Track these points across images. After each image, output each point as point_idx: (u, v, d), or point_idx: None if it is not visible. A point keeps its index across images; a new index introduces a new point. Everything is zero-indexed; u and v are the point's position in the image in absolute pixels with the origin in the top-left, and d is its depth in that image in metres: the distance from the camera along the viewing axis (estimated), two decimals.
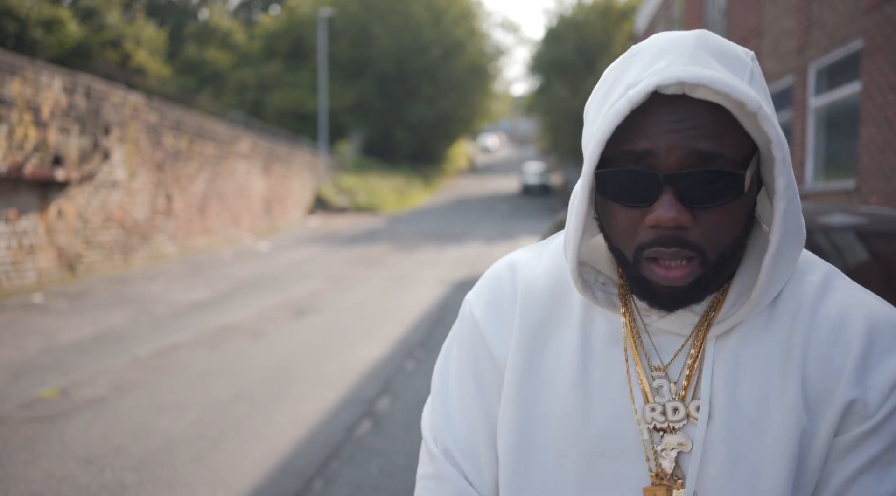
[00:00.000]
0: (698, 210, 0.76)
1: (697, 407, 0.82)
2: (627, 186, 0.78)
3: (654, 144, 0.76)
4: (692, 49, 0.77)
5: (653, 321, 0.86)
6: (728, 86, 0.73)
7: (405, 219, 25.08)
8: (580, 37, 31.54)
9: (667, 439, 0.83)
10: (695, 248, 0.77)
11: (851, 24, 7.34)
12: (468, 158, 52.02)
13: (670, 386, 0.84)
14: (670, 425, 0.83)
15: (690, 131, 0.75)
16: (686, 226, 0.76)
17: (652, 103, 0.76)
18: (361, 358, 6.52)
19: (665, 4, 17.48)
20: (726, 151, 0.76)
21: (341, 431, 4.61)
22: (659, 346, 0.86)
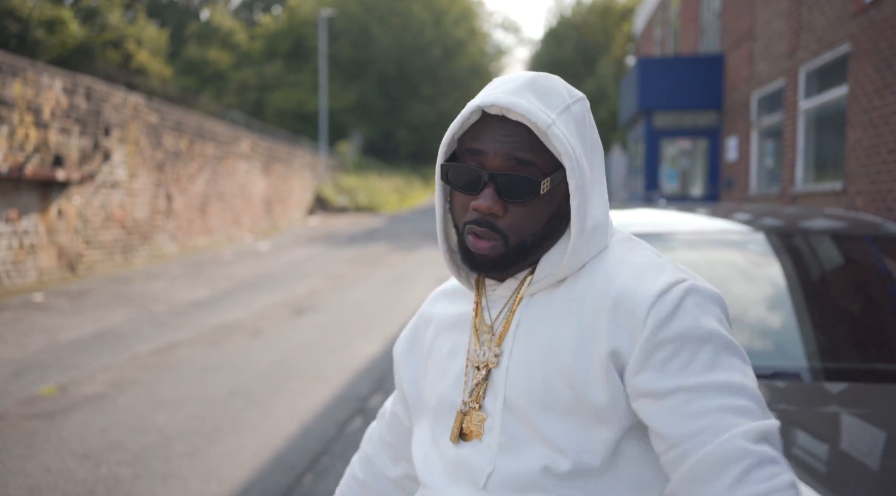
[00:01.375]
0: (509, 203, 1.04)
1: (495, 354, 1.09)
2: (463, 177, 1.06)
3: (485, 147, 1.05)
4: (520, 84, 1.05)
5: (493, 290, 1.14)
6: (526, 110, 1.01)
7: (405, 218, 25.18)
8: (580, 37, 31.64)
9: (472, 373, 1.11)
10: (499, 232, 1.04)
11: (839, 28, 7.44)
12: None
13: (491, 336, 1.11)
14: (482, 364, 1.10)
15: (512, 144, 1.03)
16: (497, 214, 1.04)
17: (489, 119, 1.05)
18: (358, 355, 6.63)
19: (662, 6, 17.58)
20: (538, 161, 1.03)
21: (333, 427, 4.73)
22: (492, 307, 1.14)
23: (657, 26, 18.25)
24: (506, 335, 1.09)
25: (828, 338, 2.80)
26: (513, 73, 1.13)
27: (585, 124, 1.08)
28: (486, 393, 1.09)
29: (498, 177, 1.03)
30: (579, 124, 1.07)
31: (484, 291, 1.16)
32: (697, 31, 14.25)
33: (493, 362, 1.09)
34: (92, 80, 12.04)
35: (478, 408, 1.09)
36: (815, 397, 2.30)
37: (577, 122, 1.06)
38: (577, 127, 1.06)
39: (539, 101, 1.03)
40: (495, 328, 1.11)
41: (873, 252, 3.43)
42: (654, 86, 13.05)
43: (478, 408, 1.09)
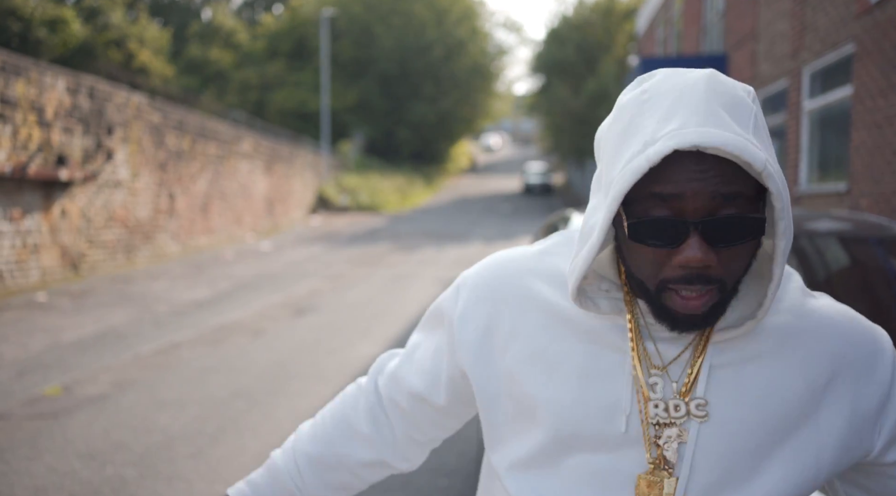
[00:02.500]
0: (721, 248, 0.84)
1: (698, 404, 0.91)
2: (657, 231, 0.85)
3: (681, 189, 0.82)
4: (704, 104, 0.83)
5: (656, 323, 0.93)
6: (739, 148, 0.80)
7: (407, 218, 25.18)
8: (582, 37, 31.58)
9: (666, 432, 0.91)
10: (716, 281, 0.85)
11: (843, 28, 7.43)
12: (470, 158, 52.06)
13: (670, 384, 0.92)
14: (672, 420, 0.91)
15: (712, 179, 0.82)
16: (711, 264, 0.83)
17: (677, 155, 0.83)
18: (358, 355, 6.63)
19: (665, 6, 17.56)
20: (744, 190, 0.83)
21: None
22: (662, 350, 0.93)
23: (660, 26, 18.23)
24: (691, 386, 0.92)
25: None
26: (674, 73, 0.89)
27: (767, 130, 0.89)
28: (677, 454, 0.92)
29: (707, 223, 0.83)
30: (765, 130, 0.87)
31: (640, 315, 0.95)
32: (700, 31, 14.23)
33: (701, 416, 0.91)
34: (95, 79, 12.04)
35: (671, 474, 0.91)
36: None
37: (762, 129, 0.86)
38: (765, 134, 0.87)
39: (735, 122, 0.83)
40: (672, 373, 0.93)
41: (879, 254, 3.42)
42: None
43: (671, 474, 0.91)
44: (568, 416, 0.94)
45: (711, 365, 0.91)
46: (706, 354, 0.91)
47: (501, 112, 46.99)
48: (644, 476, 0.91)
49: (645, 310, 0.94)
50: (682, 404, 0.91)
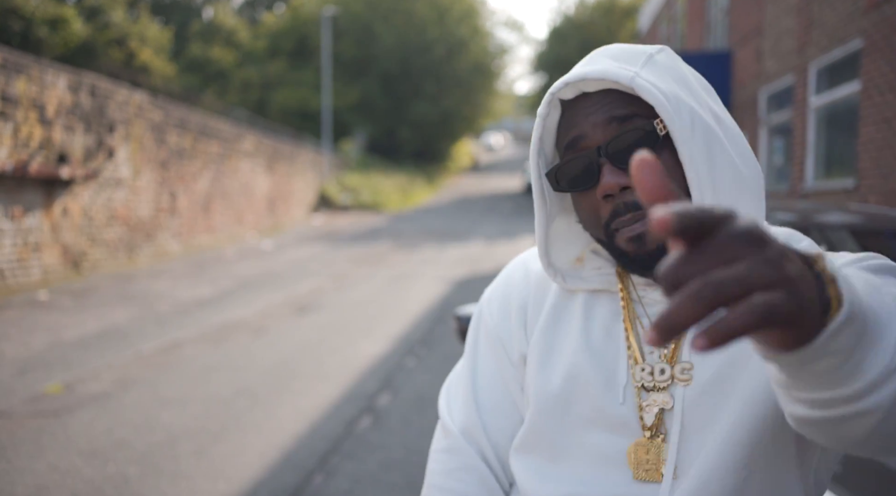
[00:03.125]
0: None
1: (683, 368, 0.90)
2: (573, 174, 0.91)
3: (581, 129, 0.90)
4: (590, 57, 0.93)
5: (648, 293, 0.95)
6: (601, 72, 0.87)
7: (408, 217, 25.13)
8: (584, 36, 31.55)
9: (652, 396, 0.91)
10: (641, 206, 0.86)
11: (851, 23, 7.36)
12: (471, 157, 52.00)
13: (661, 350, 0.92)
14: (657, 385, 0.91)
15: (604, 108, 0.89)
16: (628, 185, 0.86)
17: (569, 106, 0.92)
18: (362, 354, 6.58)
19: (668, 4, 17.50)
20: (640, 111, 0.89)
21: (341, 426, 4.67)
22: (652, 316, 0.94)
23: (663, 23, 18.17)
24: (678, 349, 0.91)
25: None
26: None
27: (682, 70, 0.92)
28: (666, 421, 0.91)
29: (608, 147, 0.88)
30: (673, 71, 0.91)
31: (632, 288, 0.97)
32: (704, 27, 14.17)
33: (685, 379, 0.90)
34: (96, 77, 11.99)
35: (662, 439, 0.91)
36: None
37: (668, 69, 0.91)
38: (672, 73, 0.90)
39: (616, 62, 0.90)
40: None
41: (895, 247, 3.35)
42: None
43: (662, 439, 0.91)
44: (565, 395, 0.96)
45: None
46: None
47: (503, 111, 46.92)
48: (635, 443, 0.92)
49: (638, 282, 0.95)
50: (667, 368, 0.91)
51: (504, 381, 1.05)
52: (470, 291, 10.32)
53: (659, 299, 0.93)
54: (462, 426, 1.06)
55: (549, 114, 0.94)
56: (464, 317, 2.36)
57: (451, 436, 1.06)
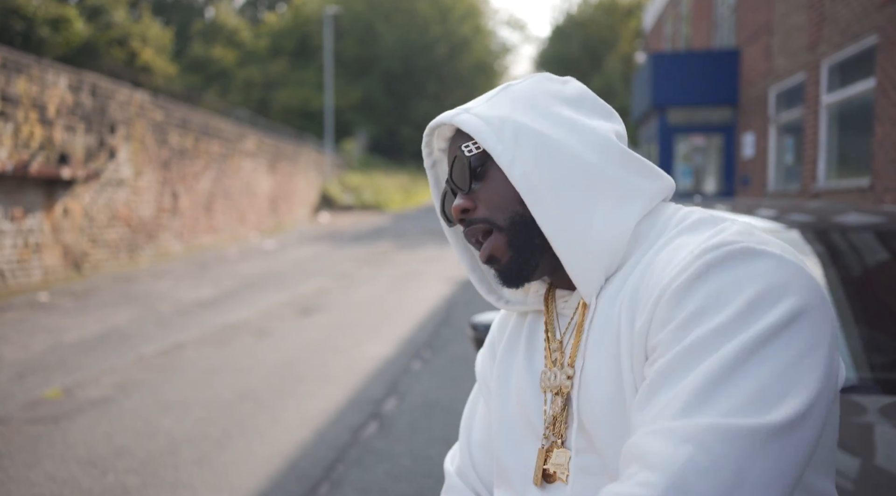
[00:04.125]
0: (474, 193, 0.95)
1: (567, 375, 0.93)
2: (444, 196, 1.03)
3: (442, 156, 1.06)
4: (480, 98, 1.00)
5: (567, 303, 0.99)
6: (437, 119, 0.99)
7: (411, 217, 25.01)
8: (586, 34, 31.40)
9: (550, 400, 0.95)
10: (482, 220, 0.94)
11: (865, 19, 7.23)
12: None
13: (560, 355, 0.96)
14: (548, 387, 0.95)
15: (453, 146, 0.99)
16: (467, 206, 0.94)
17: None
18: (367, 357, 6.45)
19: (673, 1, 17.36)
20: (477, 147, 0.95)
21: (347, 433, 4.55)
22: (562, 321, 0.99)
23: (668, 22, 18.03)
24: (577, 351, 0.93)
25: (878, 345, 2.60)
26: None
27: (539, 93, 0.96)
28: (568, 424, 0.93)
29: (451, 172, 0.98)
30: (523, 97, 0.95)
31: (554, 304, 1.02)
32: (711, 25, 14.03)
33: (567, 386, 0.93)
34: (97, 76, 11.88)
35: (560, 444, 0.94)
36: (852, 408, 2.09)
37: (518, 96, 0.96)
38: (521, 99, 0.95)
39: (471, 103, 0.99)
40: (565, 343, 0.97)
41: None
42: (667, 81, 12.82)
43: (560, 444, 0.94)
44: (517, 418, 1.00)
45: (589, 329, 0.91)
46: (586, 321, 0.92)
47: None
48: (541, 449, 0.95)
49: (560, 295, 1.00)
50: (558, 373, 0.94)
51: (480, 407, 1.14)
52: (475, 292, 10.20)
53: (569, 309, 0.97)
54: (457, 466, 1.13)
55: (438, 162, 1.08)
56: (480, 324, 2.24)
57: (449, 475, 1.14)
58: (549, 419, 0.94)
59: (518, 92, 0.96)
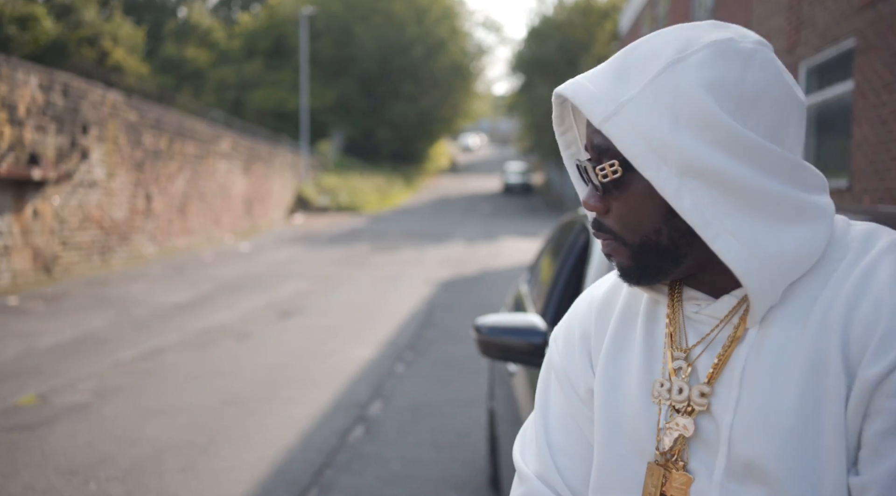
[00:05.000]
0: (612, 198, 0.83)
1: (702, 392, 0.82)
2: (578, 174, 0.89)
3: (584, 137, 0.89)
4: (609, 60, 0.83)
5: (701, 309, 0.86)
6: (580, 101, 0.80)
7: (388, 218, 24.91)
8: (562, 36, 31.51)
9: (675, 419, 0.84)
10: (610, 231, 0.85)
11: (844, 22, 7.30)
12: (450, 158, 51.90)
13: (685, 367, 0.85)
14: (674, 404, 0.84)
15: (589, 128, 0.84)
16: (597, 211, 0.84)
17: None
18: (351, 360, 6.38)
19: (650, 3, 17.47)
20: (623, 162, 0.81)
21: (334, 437, 4.47)
22: (690, 329, 0.87)
23: (645, 24, 18.15)
24: (719, 372, 0.82)
25: None
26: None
27: (717, 106, 0.76)
28: (692, 448, 0.83)
29: (585, 170, 0.85)
30: (699, 111, 0.76)
31: (680, 305, 0.89)
32: None
33: (701, 406, 0.82)
34: (69, 76, 11.65)
35: (681, 468, 0.83)
36: None
37: (690, 108, 0.76)
38: (692, 120, 0.76)
39: (612, 80, 0.80)
40: (692, 356, 0.85)
41: None
42: None
43: (681, 468, 0.83)
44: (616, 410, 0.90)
45: (748, 356, 0.80)
46: (738, 338, 0.81)
47: (481, 112, 46.87)
48: (651, 465, 0.85)
49: (687, 295, 0.88)
50: (686, 387, 0.84)
51: (575, 420, 0.97)
52: (456, 293, 10.16)
53: (706, 312, 0.85)
54: (537, 470, 0.98)
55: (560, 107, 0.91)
56: (484, 327, 2.18)
57: (528, 481, 0.98)
58: (671, 438, 0.83)
59: (687, 89, 0.76)
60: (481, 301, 9.43)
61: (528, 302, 3.34)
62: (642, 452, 0.87)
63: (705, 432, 0.82)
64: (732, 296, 0.83)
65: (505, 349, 2.15)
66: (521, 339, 2.12)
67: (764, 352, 0.80)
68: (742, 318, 0.82)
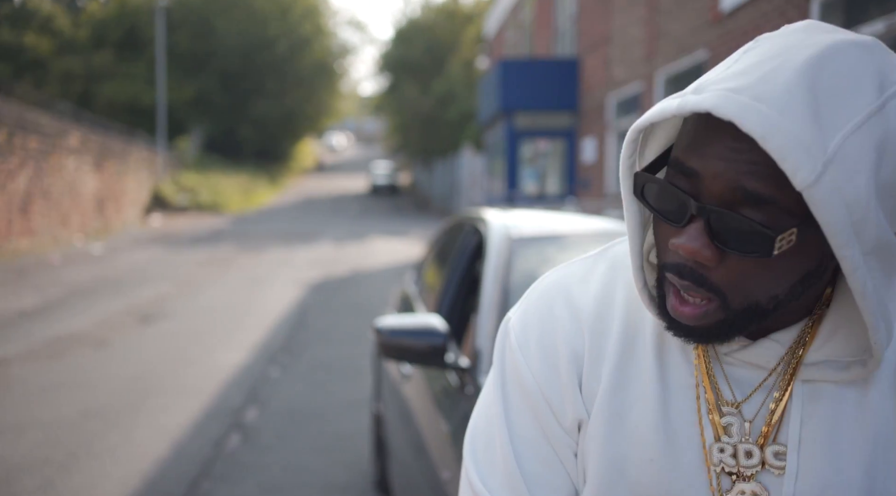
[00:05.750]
0: (728, 251, 0.66)
1: (776, 453, 0.73)
2: (663, 199, 0.69)
3: (703, 167, 0.66)
4: (792, 78, 0.63)
5: (733, 350, 0.75)
6: (781, 146, 0.60)
7: (252, 218, 24.19)
8: (429, 38, 31.80)
9: (739, 486, 0.73)
10: (713, 289, 0.68)
11: (696, 35, 7.81)
12: (315, 157, 51.16)
13: (743, 424, 0.74)
14: (741, 471, 0.73)
15: (744, 166, 0.64)
16: (706, 264, 0.67)
17: (716, 123, 0.65)
18: (222, 365, 6.12)
19: (515, 10, 17.97)
20: (780, 198, 0.63)
21: (209, 446, 4.27)
22: (734, 379, 0.76)
23: (510, 29, 18.65)
24: (775, 429, 0.74)
25: None
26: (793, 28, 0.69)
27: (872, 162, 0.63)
28: None
29: (711, 213, 0.65)
30: (880, 156, 0.63)
31: (712, 348, 0.77)
32: (552, 34, 14.64)
33: (779, 468, 0.73)
34: None
35: None
36: None
37: (882, 148, 0.63)
38: (881, 158, 0.63)
39: (812, 119, 0.61)
40: (746, 413, 0.75)
41: None
42: (515, 87, 13.23)
43: None
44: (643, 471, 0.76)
45: (802, 416, 0.73)
46: (793, 389, 0.73)
47: (346, 111, 46.50)
48: None
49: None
50: (755, 450, 0.73)
51: (553, 449, 0.82)
52: (328, 294, 10.00)
53: (745, 358, 0.75)
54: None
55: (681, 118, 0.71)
56: (384, 329, 2.13)
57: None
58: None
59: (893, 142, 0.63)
60: (354, 302, 9.34)
61: (418, 302, 3.32)
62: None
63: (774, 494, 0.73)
64: (777, 344, 0.74)
65: (405, 351, 2.12)
66: (421, 341, 2.09)
67: (819, 412, 0.73)
68: (790, 369, 0.74)
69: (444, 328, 2.10)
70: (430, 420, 2.21)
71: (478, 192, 19.10)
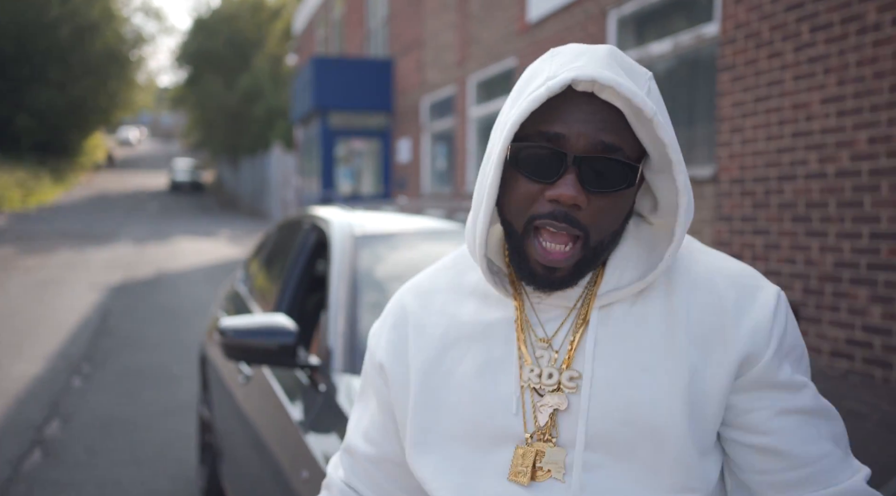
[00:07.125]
0: (593, 194, 0.86)
1: (570, 377, 0.91)
2: (537, 161, 0.87)
3: (567, 130, 0.86)
4: (605, 57, 0.88)
5: (542, 299, 0.95)
6: (631, 92, 0.84)
7: (36, 217, 22.01)
8: (232, 30, 30.63)
9: (545, 399, 0.91)
10: (582, 227, 0.87)
11: (505, 43, 8.22)
12: (106, 152, 47.48)
13: (552, 355, 0.93)
14: (543, 388, 0.92)
15: (598, 124, 0.86)
16: (581, 205, 0.86)
17: (566, 96, 0.86)
18: (14, 377, 5.56)
19: (324, 7, 17.82)
20: (625, 147, 0.87)
21: (7, 466, 3.88)
22: (546, 320, 0.95)
23: (320, 27, 18.47)
24: (574, 354, 0.92)
25: None
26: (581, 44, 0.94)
27: (664, 106, 0.92)
28: (560, 423, 0.91)
29: (584, 161, 0.86)
30: (663, 106, 0.91)
31: (525, 297, 0.97)
32: (364, 34, 14.69)
33: (572, 388, 0.91)
34: None
35: (552, 443, 0.91)
36: None
37: (660, 103, 0.90)
38: (662, 109, 0.90)
39: (629, 78, 0.87)
40: (555, 344, 0.94)
41: None
42: (328, 85, 13.09)
43: (552, 443, 0.91)
44: (467, 416, 0.95)
45: (597, 337, 0.92)
46: (588, 324, 0.92)
47: (143, 103, 43.57)
48: (521, 446, 0.92)
49: (530, 292, 0.95)
50: (554, 373, 0.91)
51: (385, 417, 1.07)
52: (131, 298, 9.36)
53: (552, 303, 0.94)
54: (346, 477, 1.10)
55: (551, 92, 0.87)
56: (230, 330, 2.06)
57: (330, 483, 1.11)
58: (544, 418, 0.91)
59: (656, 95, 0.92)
60: (163, 305, 8.83)
61: (251, 301, 3.24)
62: (497, 438, 0.94)
63: (572, 410, 0.91)
64: (578, 287, 0.94)
65: (253, 351, 2.07)
66: (270, 340, 2.05)
67: (610, 331, 0.93)
68: (586, 304, 0.93)
69: (293, 327, 2.08)
70: (277, 420, 2.18)
71: (290, 192, 18.71)
